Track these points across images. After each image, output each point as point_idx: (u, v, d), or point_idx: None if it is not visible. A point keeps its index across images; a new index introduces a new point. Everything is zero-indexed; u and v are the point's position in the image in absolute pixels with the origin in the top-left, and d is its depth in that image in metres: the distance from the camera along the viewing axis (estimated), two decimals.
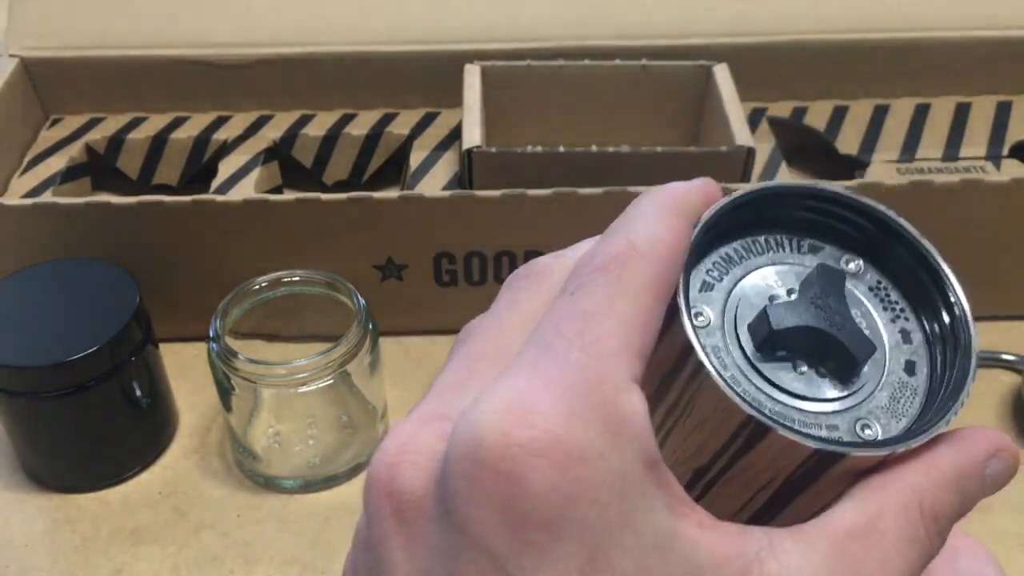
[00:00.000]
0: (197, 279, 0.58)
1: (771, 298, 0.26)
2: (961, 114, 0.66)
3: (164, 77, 0.66)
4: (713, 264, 0.26)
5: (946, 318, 0.26)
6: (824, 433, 0.24)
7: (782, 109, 0.67)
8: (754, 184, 0.26)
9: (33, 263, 0.54)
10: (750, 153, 0.57)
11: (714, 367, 0.23)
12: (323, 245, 0.57)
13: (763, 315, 0.25)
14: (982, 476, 0.25)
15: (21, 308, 0.51)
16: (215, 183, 0.62)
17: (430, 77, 0.66)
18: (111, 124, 0.67)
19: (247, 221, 0.56)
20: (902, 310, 0.27)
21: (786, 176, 0.61)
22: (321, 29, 0.66)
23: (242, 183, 0.62)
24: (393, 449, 0.22)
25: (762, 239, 0.27)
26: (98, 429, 0.52)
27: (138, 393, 0.53)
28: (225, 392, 0.51)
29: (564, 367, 0.20)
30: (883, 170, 0.62)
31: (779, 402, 0.25)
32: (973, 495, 0.25)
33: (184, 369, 0.58)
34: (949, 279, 0.27)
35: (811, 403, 0.25)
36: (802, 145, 0.66)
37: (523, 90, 0.64)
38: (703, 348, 0.23)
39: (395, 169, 0.67)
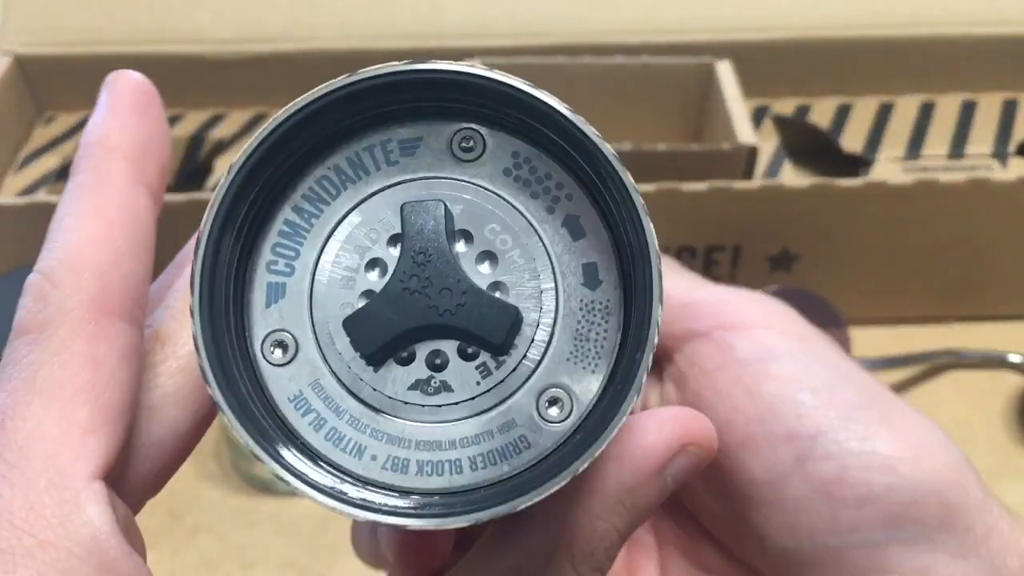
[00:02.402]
0: None
1: (369, 263, 0.18)
2: (967, 112, 0.66)
3: (159, 74, 0.64)
4: (276, 247, 0.19)
5: (615, 193, 0.18)
6: (491, 446, 0.18)
7: (786, 106, 0.67)
8: (294, 104, 0.19)
9: (27, 263, 0.53)
10: (753, 151, 0.56)
11: (296, 474, 0.17)
12: None
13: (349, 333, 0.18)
14: (662, 482, 0.20)
15: (13, 309, 0.51)
16: (211, 181, 0.61)
17: None
18: None
19: None
20: (559, 186, 0.19)
21: (790, 174, 0.60)
22: (317, 25, 0.65)
23: None
24: None
25: (335, 165, 0.19)
26: None
27: None
28: None
29: None
30: (888, 168, 0.61)
31: (419, 444, 0.18)
32: (650, 504, 0.20)
33: None
34: (597, 146, 0.18)
35: (461, 418, 0.18)
36: (806, 143, 0.66)
37: None
38: (260, 445, 0.17)
39: None
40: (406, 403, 0.18)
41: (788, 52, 0.65)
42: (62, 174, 0.63)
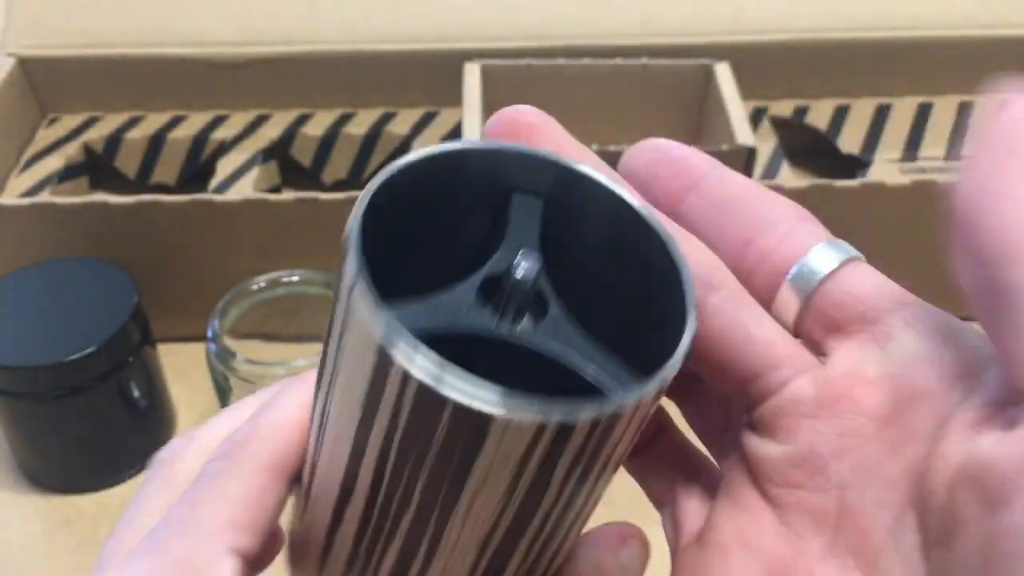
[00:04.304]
0: (195, 279, 0.58)
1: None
2: (964, 113, 0.66)
3: (162, 76, 0.66)
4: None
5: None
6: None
7: (784, 108, 0.67)
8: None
9: (30, 263, 0.53)
10: (751, 152, 0.56)
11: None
12: (322, 245, 0.57)
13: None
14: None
15: (18, 308, 0.51)
16: (213, 183, 0.61)
17: (430, 76, 0.66)
18: (109, 123, 0.66)
19: (245, 221, 0.56)
20: None
21: (788, 175, 0.61)
22: (320, 27, 0.66)
23: (240, 182, 0.61)
24: None
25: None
26: (96, 430, 0.52)
27: (136, 394, 0.52)
28: (223, 393, 0.51)
29: (161, 556, 0.21)
30: (886, 169, 0.62)
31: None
32: None
33: (182, 370, 0.58)
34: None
35: None
36: (804, 144, 0.66)
37: (523, 89, 0.64)
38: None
39: None
40: None
41: (786, 54, 0.66)
42: (65, 175, 0.63)
